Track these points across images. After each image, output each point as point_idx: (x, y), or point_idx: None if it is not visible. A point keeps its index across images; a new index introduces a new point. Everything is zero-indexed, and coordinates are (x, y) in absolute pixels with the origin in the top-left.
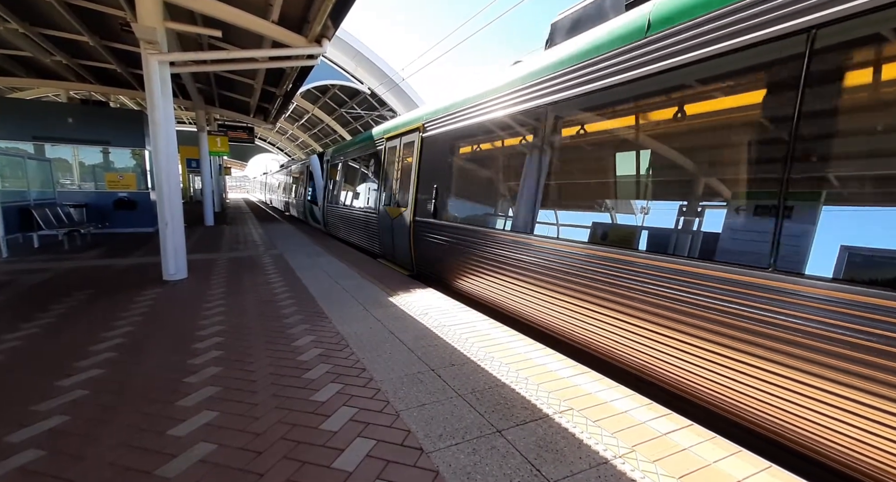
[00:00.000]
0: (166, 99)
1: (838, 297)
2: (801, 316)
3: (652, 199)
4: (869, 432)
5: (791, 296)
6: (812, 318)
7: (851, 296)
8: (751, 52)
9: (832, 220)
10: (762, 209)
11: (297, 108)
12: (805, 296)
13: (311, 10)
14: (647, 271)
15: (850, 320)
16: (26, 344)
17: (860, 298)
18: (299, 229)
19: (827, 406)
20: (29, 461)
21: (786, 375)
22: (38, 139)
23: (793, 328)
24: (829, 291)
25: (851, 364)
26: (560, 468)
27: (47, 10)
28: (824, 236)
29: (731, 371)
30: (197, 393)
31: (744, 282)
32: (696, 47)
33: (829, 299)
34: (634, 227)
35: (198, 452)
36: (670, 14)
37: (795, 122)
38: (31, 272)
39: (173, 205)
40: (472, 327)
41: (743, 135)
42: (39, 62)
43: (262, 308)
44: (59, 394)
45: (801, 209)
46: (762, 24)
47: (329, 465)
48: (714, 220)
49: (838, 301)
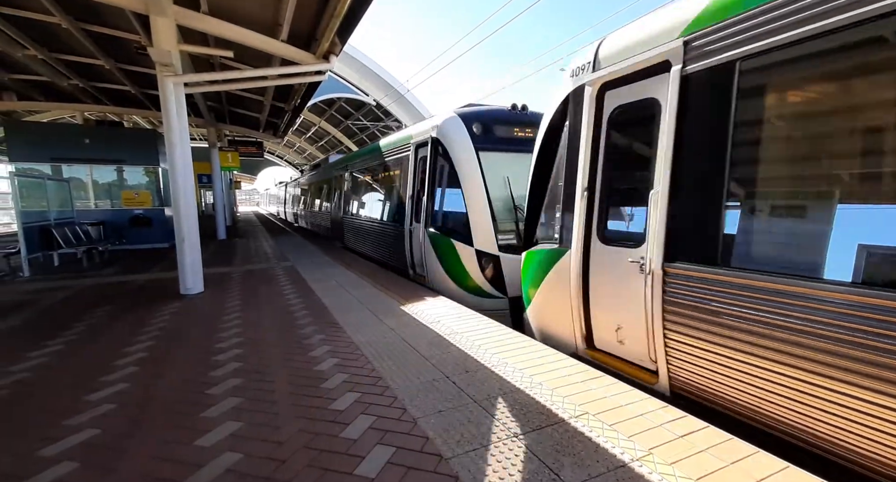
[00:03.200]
0: (181, 119)
1: None
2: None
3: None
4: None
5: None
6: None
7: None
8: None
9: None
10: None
11: (305, 120)
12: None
13: (318, 28)
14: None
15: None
16: (54, 360)
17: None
18: (309, 241)
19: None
20: (64, 473)
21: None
22: (56, 160)
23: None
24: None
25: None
26: (578, 472)
27: (66, 37)
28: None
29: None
30: (220, 404)
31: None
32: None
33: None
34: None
35: (224, 462)
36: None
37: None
38: (53, 290)
39: (189, 221)
40: (485, 333)
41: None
42: (57, 86)
43: (278, 319)
44: (88, 408)
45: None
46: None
47: (351, 472)
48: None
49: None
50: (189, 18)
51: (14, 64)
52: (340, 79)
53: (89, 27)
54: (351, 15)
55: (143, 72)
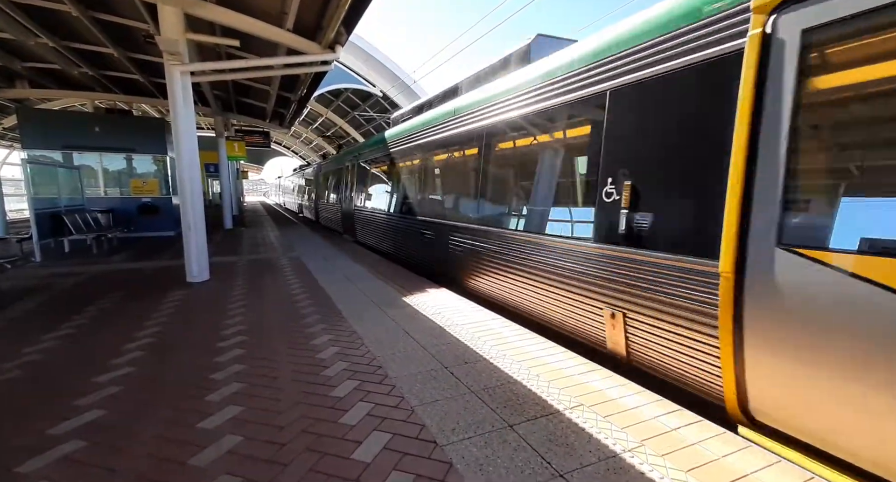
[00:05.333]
0: (188, 107)
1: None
2: None
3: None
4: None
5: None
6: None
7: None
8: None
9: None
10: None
11: (311, 111)
12: None
13: (324, 17)
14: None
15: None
16: (64, 343)
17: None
18: (315, 232)
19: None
20: (72, 451)
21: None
22: (67, 148)
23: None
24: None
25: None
26: (570, 461)
27: (75, 25)
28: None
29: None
30: (223, 389)
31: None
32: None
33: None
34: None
35: (226, 444)
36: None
37: None
38: (64, 276)
39: (196, 210)
40: (485, 326)
41: None
42: (67, 74)
43: (282, 308)
44: (96, 389)
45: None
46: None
47: (348, 457)
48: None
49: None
50: (196, 7)
51: (26, 52)
52: (347, 69)
53: (98, 15)
54: (356, 4)
55: (152, 60)
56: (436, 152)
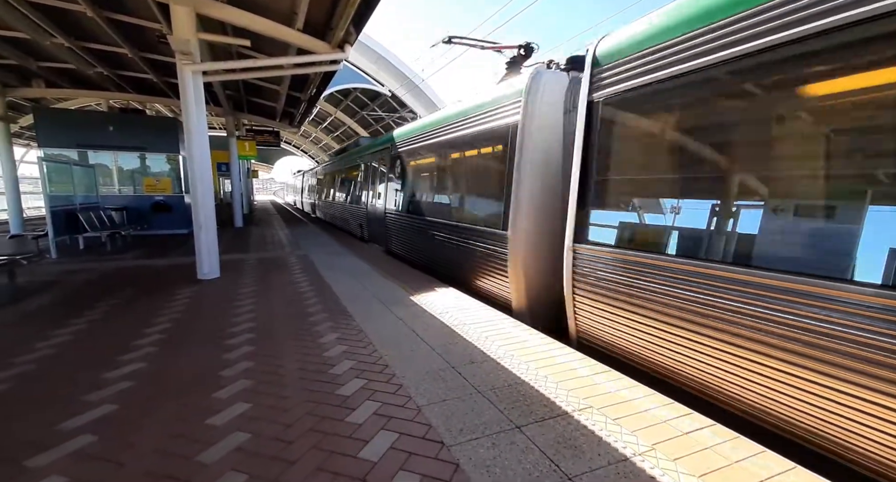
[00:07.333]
0: (199, 107)
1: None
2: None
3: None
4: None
5: None
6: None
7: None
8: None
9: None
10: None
11: (321, 111)
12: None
13: (333, 17)
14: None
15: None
16: (76, 338)
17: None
18: (323, 230)
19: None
20: (83, 445)
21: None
22: (82, 146)
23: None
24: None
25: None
26: (579, 464)
27: (90, 25)
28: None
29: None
30: (231, 385)
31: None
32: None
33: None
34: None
35: (234, 441)
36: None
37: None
38: (78, 272)
39: (207, 208)
40: (493, 325)
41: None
42: (82, 74)
43: (290, 306)
44: (106, 385)
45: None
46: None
47: (355, 455)
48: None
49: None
50: (208, 7)
51: (42, 52)
52: (356, 69)
53: (112, 15)
54: (366, 4)
55: (164, 60)
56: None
